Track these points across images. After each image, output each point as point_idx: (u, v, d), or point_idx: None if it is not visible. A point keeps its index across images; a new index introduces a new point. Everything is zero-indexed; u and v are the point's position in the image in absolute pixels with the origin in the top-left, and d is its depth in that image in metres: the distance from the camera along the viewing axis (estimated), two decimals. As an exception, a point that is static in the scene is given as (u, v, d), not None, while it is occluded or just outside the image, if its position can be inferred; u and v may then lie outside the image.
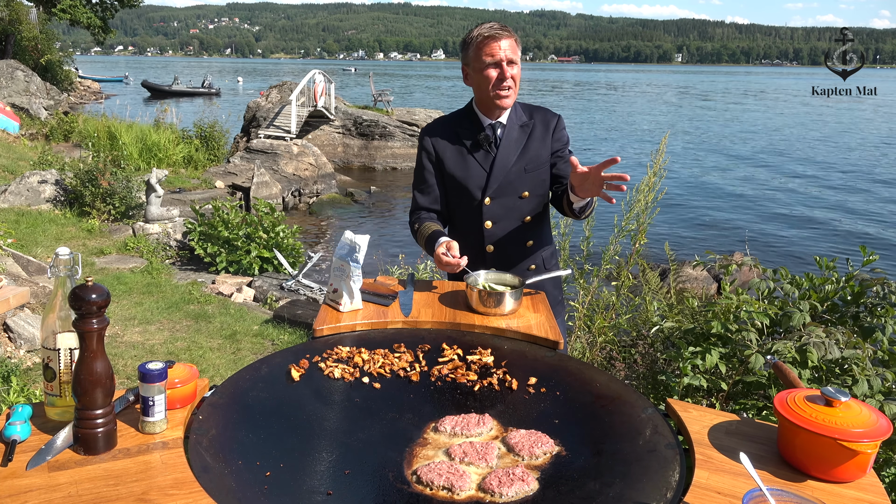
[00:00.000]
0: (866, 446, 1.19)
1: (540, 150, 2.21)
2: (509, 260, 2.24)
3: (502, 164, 2.18)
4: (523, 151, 2.20)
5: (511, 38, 2.11)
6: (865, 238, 12.30)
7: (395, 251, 7.31)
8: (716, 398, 2.50)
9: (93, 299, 1.19)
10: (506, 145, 2.19)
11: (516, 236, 2.24)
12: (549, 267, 2.34)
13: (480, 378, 1.63)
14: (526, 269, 2.28)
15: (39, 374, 3.97)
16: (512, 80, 2.11)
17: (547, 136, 2.23)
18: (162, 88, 40.81)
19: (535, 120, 2.23)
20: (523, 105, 2.27)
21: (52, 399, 1.34)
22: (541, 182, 2.24)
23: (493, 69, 2.10)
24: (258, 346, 5.03)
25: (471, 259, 2.27)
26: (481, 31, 2.11)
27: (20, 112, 15.98)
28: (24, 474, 1.16)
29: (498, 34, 2.09)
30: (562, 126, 2.27)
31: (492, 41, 2.08)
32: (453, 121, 2.28)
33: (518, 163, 2.19)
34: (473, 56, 2.13)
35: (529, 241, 2.26)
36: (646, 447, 1.32)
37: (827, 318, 2.48)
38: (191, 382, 1.41)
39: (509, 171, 2.18)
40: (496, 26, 2.12)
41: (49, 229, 7.41)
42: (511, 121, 2.21)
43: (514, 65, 2.11)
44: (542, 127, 2.23)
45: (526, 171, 2.20)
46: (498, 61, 2.08)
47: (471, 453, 1.31)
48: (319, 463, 1.29)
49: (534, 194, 2.23)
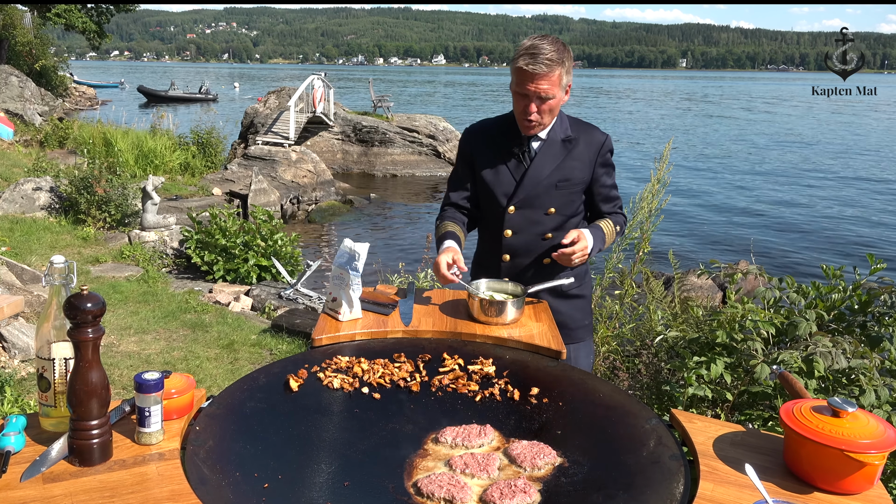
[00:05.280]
0: (874, 457, 1.18)
1: (577, 170, 2.14)
2: (524, 273, 2.19)
3: (533, 176, 2.12)
4: (558, 168, 2.12)
5: (549, 75, 1.96)
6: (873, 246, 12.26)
7: (395, 259, 7.29)
8: (721, 409, 2.49)
9: (88, 308, 1.18)
10: (541, 159, 2.13)
11: (534, 251, 2.19)
12: (569, 290, 2.24)
13: (482, 388, 1.62)
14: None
15: (34, 384, 3.93)
16: (539, 114, 2.03)
17: (591, 157, 2.15)
18: (158, 94, 40.82)
19: (579, 137, 2.15)
20: (571, 119, 2.19)
21: (46, 410, 1.33)
22: (570, 201, 2.17)
23: (522, 100, 2.03)
24: (256, 355, 5.00)
25: (486, 265, 2.28)
26: (521, 58, 1.97)
27: (14, 118, 15.95)
28: (19, 486, 1.15)
29: (533, 71, 1.95)
30: (608, 147, 2.19)
31: (526, 77, 1.98)
32: (495, 124, 2.23)
33: (550, 178, 2.12)
34: (512, 74, 2.05)
35: (546, 259, 2.19)
36: (650, 458, 1.31)
37: (834, 328, 2.47)
38: (188, 393, 1.40)
39: (539, 185, 2.13)
40: (540, 58, 1.94)
41: (44, 237, 7.38)
42: (553, 134, 2.13)
43: (549, 100, 2.00)
44: (586, 146, 2.15)
45: (557, 188, 2.13)
46: (527, 94, 2.00)
47: (472, 465, 1.30)
48: (318, 475, 1.28)
49: (560, 212, 2.16)
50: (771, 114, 47.74)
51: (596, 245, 2.10)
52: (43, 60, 23.50)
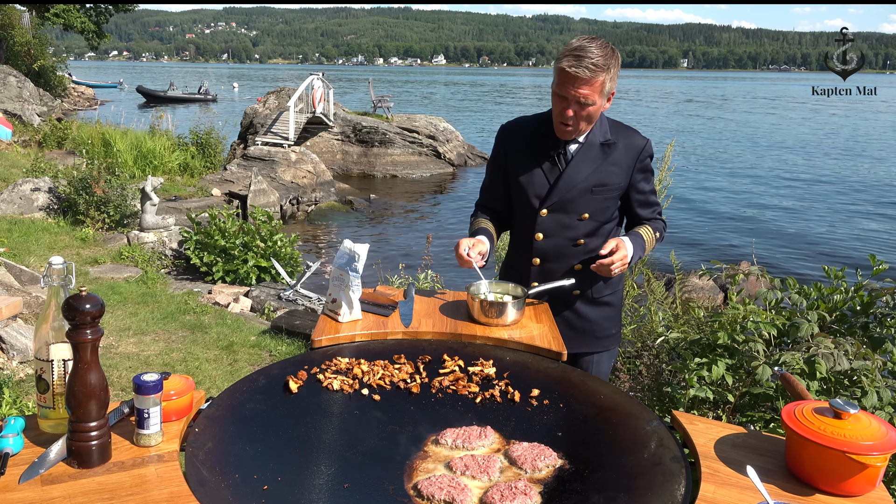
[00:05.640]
0: (876, 459, 1.17)
1: (614, 175, 2.07)
2: (553, 277, 2.13)
3: (568, 180, 2.06)
4: (595, 172, 2.05)
5: (592, 81, 1.88)
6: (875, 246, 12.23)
7: (395, 260, 7.29)
8: (722, 410, 2.48)
9: (87, 309, 1.18)
10: (577, 162, 2.06)
11: (565, 256, 2.13)
12: (598, 296, 2.18)
13: (482, 390, 1.62)
14: (570, 293, 2.15)
15: (32, 385, 3.92)
16: (576, 119, 1.96)
17: (629, 162, 2.08)
18: (157, 94, 40.73)
19: (619, 141, 2.07)
20: (611, 121, 2.11)
21: (45, 411, 1.33)
22: (605, 207, 2.10)
23: (560, 102, 1.96)
24: (255, 357, 4.99)
25: (515, 268, 2.23)
26: (565, 58, 1.89)
27: (13, 118, 15.91)
28: (17, 488, 1.15)
29: (575, 74, 1.87)
30: (648, 152, 2.11)
31: (567, 79, 1.90)
32: (532, 122, 2.16)
33: (586, 182, 2.06)
34: (554, 73, 1.96)
35: (578, 265, 2.13)
36: (651, 460, 1.31)
37: (836, 329, 2.46)
38: (187, 394, 1.39)
39: (573, 189, 2.06)
40: (585, 61, 1.86)
41: (42, 238, 7.37)
42: (591, 137, 2.06)
43: (588, 106, 1.93)
44: (625, 151, 2.07)
45: (592, 193, 2.07)
46: (566, 98, 1.93)
47: (472, 467, 1.30)
48: (318, 476, 1.28)
49: (594, 218, 2.10)
50: (773, 115, 47.67)
51: (636, 253, 2.04)
52: (41, 60, 23.44)
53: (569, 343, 2.02)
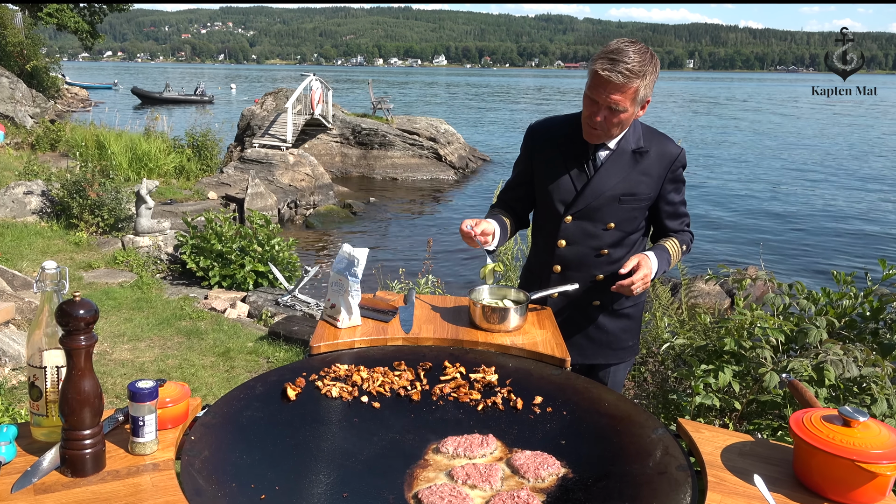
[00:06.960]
0: (886, 468, 1.16)
1: (644, 185, 2.00)
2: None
3: (596, 188, 1.99)
4: (624, 180, 1.99)
5: (625, 87, 1.81)
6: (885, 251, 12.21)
7: (395, 265, 7.26)
8: (729, 418, 2.47)
9: (80, 315, 1.17)
10: (606, 170, 1.99)
11: (587, 265, 2.07)
12: (619, 308, 2.12)
13: (484, 397, 1.60)
14: (590, 304, 2.11)
15: (25, 392, 3.88)
16: (605, 124, 1.89)
17: (661, 172, 2.01)
18: (152, 95, 40.58)
19: (651, 149, 2.00)
20: (645, 127, 2.04)
21: (38, 419, 1.32)
22: (632, 217, 2.04)
23: (591, 105, 1.89)
24: (253, 363, 4.96)
25: (535, 275, 2.18)
26: (600, 60, 1.83)
27: (5, 120, 15.84)
28: (10, 497, 1.14)
29: (608, 79, 1.80)
30: (681, 162, 2.04)
31: (599, 83, 1.83)
32: (562, 124, 2.08)
33: (614, 190, 1.99)
34: (588, 74, 1.90)
35: (599, 276, 2.07)
36: (656, 469, 1.29)
37: (845, 335, 2.44)
38: (182, 402, 1.38)
39: (600, 197, 1.99)
40: (619, 65, 1.79)
41: (35, 242, 7.33)
42: (623, 144, 1.99)
43: (620, 113, 1.86)
44: (658, 160, 2.00)
45: (620, 202, 2.00)
46: (597, 101, 1.87)
47: (474, 475, 1.29)
48: (316, 485, 1.27)
49: (620, 228, 2.03)
50: (779, 115, 47.79)
51: (660, 268, 1.98)
52: (34, 61, 23.30)
53: (586, 354, 2.00)
